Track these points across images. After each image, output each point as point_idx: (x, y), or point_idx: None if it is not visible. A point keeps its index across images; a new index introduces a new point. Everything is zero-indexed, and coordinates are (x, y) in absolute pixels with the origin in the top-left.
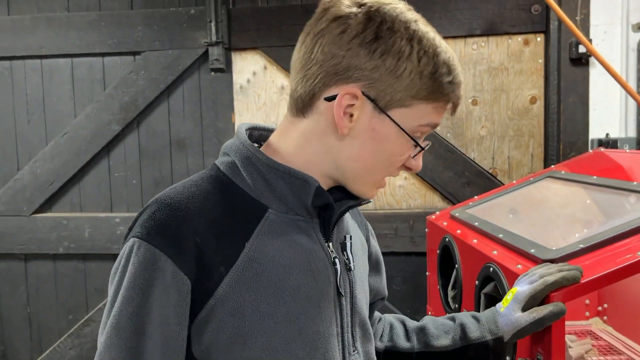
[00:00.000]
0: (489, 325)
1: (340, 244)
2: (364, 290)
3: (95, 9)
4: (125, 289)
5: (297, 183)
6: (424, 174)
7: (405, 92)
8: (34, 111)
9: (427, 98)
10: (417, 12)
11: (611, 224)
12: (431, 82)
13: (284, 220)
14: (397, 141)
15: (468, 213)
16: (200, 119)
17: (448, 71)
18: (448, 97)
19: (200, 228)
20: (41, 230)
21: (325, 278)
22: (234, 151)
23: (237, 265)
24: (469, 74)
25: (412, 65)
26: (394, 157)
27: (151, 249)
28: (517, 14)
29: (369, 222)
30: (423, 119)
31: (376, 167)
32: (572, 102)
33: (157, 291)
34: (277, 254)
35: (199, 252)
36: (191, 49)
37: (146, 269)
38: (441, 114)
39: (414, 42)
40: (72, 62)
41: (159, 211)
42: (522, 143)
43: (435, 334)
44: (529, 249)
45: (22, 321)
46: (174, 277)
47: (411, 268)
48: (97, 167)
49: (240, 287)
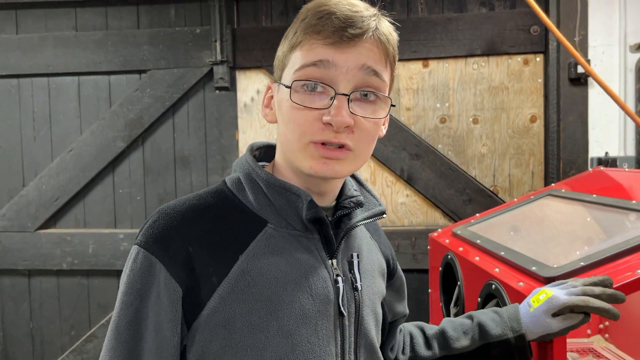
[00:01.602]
0: (511, 323)
1: (347, 262)
2: (374, 312)
3: (102, 28)
4: (125, 293)
5: (292, 197)
6: (426, 192)
7: (283, 57)
8: (40, 128)
9: (293, 47)
10: (419, 34)
11: (611, 242)
12: (294, 32)
13: (283, 236)
14: (288, 98)
15: (470, 230)
16: (204, 136)
17: (307, 14)
18: (313, 31)
19: (193, 238)
20: (45, 246)
21: (324, 296)
22: (239, 168)
23: (230, 277)
24: (469, 93)
25: (288, 32)
26: (296, 114)
27: (148, 256)
28: (516, 35)
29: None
30: (296, 65)
31: (294, 133)
32: (572, 121)
33: (153, 296)
34: (272, 268)
35: (191, 261)
36: (196, 67)
37: (143, 275)
38: (315, 50)
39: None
40: (78, 80)
41: (158, 220)
42: (522, 161)
43: (454, 337)
44: (531, 266)
45: (25, 337)
46: (166, 283)
47: (413, 285)
48: (102, 184)
49: (232, 298)
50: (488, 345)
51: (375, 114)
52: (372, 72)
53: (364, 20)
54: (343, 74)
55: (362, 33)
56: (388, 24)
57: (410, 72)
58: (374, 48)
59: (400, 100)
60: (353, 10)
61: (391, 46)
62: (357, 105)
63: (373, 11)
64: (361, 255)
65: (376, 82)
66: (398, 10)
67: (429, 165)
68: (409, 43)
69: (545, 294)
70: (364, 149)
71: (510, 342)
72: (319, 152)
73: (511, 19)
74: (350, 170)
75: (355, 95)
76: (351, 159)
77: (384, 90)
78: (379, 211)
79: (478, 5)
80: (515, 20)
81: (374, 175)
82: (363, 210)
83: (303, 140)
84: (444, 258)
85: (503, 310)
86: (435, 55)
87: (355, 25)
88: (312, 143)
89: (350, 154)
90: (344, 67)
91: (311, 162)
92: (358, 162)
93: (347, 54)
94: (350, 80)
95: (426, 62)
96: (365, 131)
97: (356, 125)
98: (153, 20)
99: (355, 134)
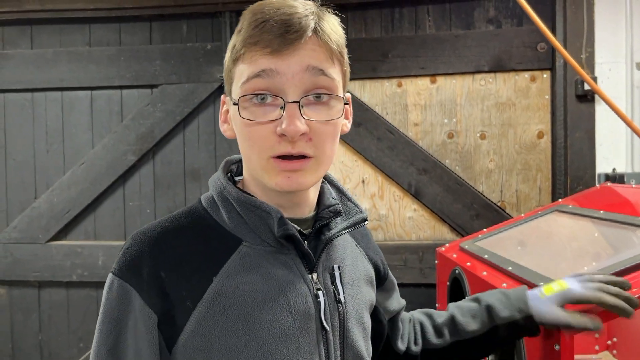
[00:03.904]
0: (518, 304)
1: (329, 274)
2: (361, 323)
3: (115, 44)
4: (103, 322)
5: (263, 215)
6: (433, 206)
7: (229, 70)
8: (53, 141)
9: (236, 60)
10: (426, 50)
11: (619, 258)
12: (233, 46)
13: (259, 253)
14: (238, 115)
15: (477, 245)
16: (214, 150)
17: (243, 24)
18: (251, 42)
19: (165, 263)
20: (55, 257)
21: (304, 312)
22: (212, 185)
23: (205, 299)
24: (477, 108)
25: (229, 44)
26: (250, 130)
27: (122, 284)
28: (523, 52)
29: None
30: (241, 78)
31: (252, 149)
32: (579, 138)
33: (130, 324)
34: (248, 287)
35: (164, 286)
36: (207, 82)
37: (120, 303)
38: (256, 61)
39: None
40: (91, 95)
41: (131, 247)
42: (529, 177)
43: (463, 322)
44: (538, 281)
45: (33, 348)
46: (141, 310)
47: (420, 299)
48: (113, 197)
49: (208, 322)
50: (496, 327)
51: (330, 114)
52: (318, 71)
53: (300, 21)
54: (289, 80)
55: (301, 35)
56: (330, 19)
57: (418, 88)
58: (316, 47)
59: (408, 116)
60: (288, 13)
61: (334, 42)
62: (311, 109)
63: (311, 9)
64: (344, 266)
65: (325, 82)
66: (406, 27)
67: (437, 180)
68: (417, 59)
69: (560, 286)
70: (325, 153)
71: (518, 323)
72: (280, 167)
73: (518, 36)
74: (316, 178)
75: (307, 100)
76: (314, 167)
77: (335, 89)
78: (359, 219)
79: (485, 22)
80: (522, 38)
81: (381, 189)
82: (343, 218)
83: (262, 156)
84: (452, 273)
85: (510, 292)
86: (442, 72)
87: (292, 29)
88: (272, 158)
89: (312, 161)
90: (288, 73)
91: (275, 178)
92: (322, 168)
93: (289, 60)
94: (298, 85)
95: (434, 78)
96: (323, 134)
97: (312, 130)
98: (165, 36)
99: (313, 140)
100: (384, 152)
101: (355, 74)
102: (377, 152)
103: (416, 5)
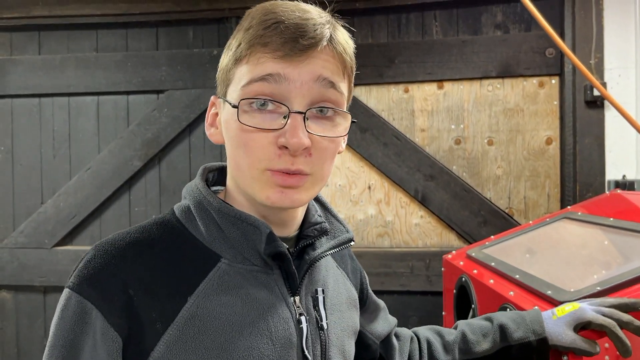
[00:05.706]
0: (533, 326)
1: (312, 297)
2: (342, 351)
3: (122, 49)
4: (54, 346)
5: (249, 229)
6: (440, 213)
7: (227, 70)
8: (59, 146)
9: (239, 60)
10: (433, 56)
11: (629, 267)
12: (238, 43)
13: (239, 272)
14: (236, 119)
15: (484, 253)
16: (220, 155)
17: (252, 22)
18: (260, 43)
19: (135, 279)
20: (61, 262)
21: (285, 340)
22: (189, 194)
23: (177, 322)
24: (484, 114)
25: (231, 42)
26: (247, 137)
27: (82, 301)
28: (531, 57)
29: (384, 261)
30: (243, 80)
31: (246, 159)
32: (588, 144)
33: (87, 348)
34: (225, 310)
35: (132, 306)
36: (213, 88)
37: (77, 324)
38: (263, 64)
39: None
40: (98, 100)
41: (94, 259)
42: (538, 183)
43: (474, 340)
44: (546, 290)
45: (39, 353)
46: (103, 333)
47: (427, 307)
48: (118, 202)
49: (180, 347)
50: (509, 347)
51: (334, 131)
52: (329, 84)
53: (316, 28)
54: (297, 88)
55: (316, 43)
56: (344, 31)
57: (425, 94)
58: (330, 58)
59: (415, 122)
60: (304, 18)
61: (348, 56)
62: (314, 122)
63: (326, 17)
64: (327, 290)
65: (334, 96)
66: (413, 33)
67: (444, 186)
68: (424, 65)
69: (572, 306)
70: (322, 170)
71: (531, 345)
72: (275, 181)
73: (526, 42)
74: (310, 196)
75: (311, 113)
76: (310, 185)
77: (342, 104)
78: (346, 239)
79: (493, 28)
80: (530, 43)
81: (388, 196)
82: (329, 238)
83: (257, 167)
84: (458, 280)
85: (525, 313)
86: (450, 77)
87: (308, 35)
88: (267, 170)
89: (308, 178)
90: (297, 81)
91: (268, 191)
92: (317, 186)
93: (300, 67)
94: (306, 95)
95: (441, 84)
96: (324, 151)
97: (314, 145)
98: (172, 42)
99: (313, 156)
100: (391, 158)
101: (362, 79)
102: (383, 158)
103: (423, 11)
